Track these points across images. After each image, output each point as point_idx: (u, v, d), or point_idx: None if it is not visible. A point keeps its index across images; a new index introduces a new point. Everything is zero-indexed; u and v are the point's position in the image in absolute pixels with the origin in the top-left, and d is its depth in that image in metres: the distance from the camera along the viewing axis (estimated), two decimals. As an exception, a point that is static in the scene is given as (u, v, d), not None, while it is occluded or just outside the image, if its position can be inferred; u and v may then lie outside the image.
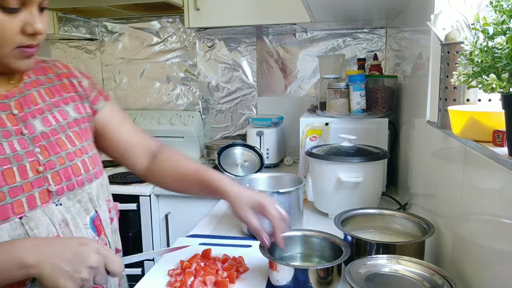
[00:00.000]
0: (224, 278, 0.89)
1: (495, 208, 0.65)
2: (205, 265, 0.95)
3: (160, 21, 2.39)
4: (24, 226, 0.72)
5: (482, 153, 0.65)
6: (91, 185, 0.86)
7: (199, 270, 0.91)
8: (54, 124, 0.83)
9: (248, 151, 1.81)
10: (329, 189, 1.27)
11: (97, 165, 0.89)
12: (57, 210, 0.78)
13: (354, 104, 1.58)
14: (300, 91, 2.28)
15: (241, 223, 1.21)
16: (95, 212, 0.86)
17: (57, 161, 0.80)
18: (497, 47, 0.52)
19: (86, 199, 0.84)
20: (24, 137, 0.77)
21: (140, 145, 1.02)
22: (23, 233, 0.72)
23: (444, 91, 0.81)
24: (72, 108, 0.88)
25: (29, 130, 0.78)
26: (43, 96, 0.84)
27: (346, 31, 2.16)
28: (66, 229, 0.79)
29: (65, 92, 0.88)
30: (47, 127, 0.81)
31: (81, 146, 0.86)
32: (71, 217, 0.80)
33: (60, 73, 0.91)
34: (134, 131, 1.02)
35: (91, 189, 0.86)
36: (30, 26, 0.70)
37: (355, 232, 0.97)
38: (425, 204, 1.12)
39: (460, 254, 0.82)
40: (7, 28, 0.69)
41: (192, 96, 2.43)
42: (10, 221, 0.71)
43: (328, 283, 0.84)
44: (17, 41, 0.70)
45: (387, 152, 1.34)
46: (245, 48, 2.30)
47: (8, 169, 0.72)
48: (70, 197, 0.81)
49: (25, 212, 0.73)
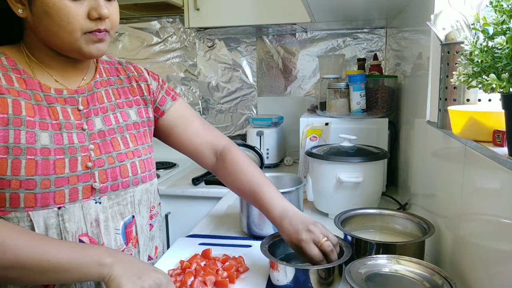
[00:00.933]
0: (224, 278, 0.89)
1: (495, 208, 0.65)
2: (205, 265, 0.94)
3: (160, 21, 2.39)
4: (58, 217, 0.76)
5: (482, 153, 0.65)
6: (136, 189, 0.87)
7: (199, 270, 0.91)
8: (113, 124, 0.86)
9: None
10: (329, 189, 1.27)
11: (148, 170, 0.91)
12: (94, 207, 0.80)
13: (354, 104, 1.58)
14: (300, 91, 2.28)
15: (241, 223, 1.21)
16: (131, 217, 0.87)
17: (107, 160, 0.83)
18: (497, 47, 0.52)
19: (127, 202, 0.86)
20: (83, 132, 0.81)
21: (207, 144, 1.03)
22: (56, 223, 0.76)
23: (444, 91, 0.81)
24: (135, 112, 0.92)
25: (89, 126, 0.82)
26: (110, 96, 0.88)
27: (346, 31, 2.16)
28: (96, 229, 0.81)
29: (131, 95, 0.92)
30: (106, 125, 0.85)
31: (135, 148, 0.88)
32: (105, 218, 0.82)
33: (131, 76, 0.94)
34: (202, 129, 1.04)
35: (134, 193, 0.87)
36: (95, 11, 0.74)
37: (355, 232, 0.97)
38: (425, 204, 1.12)
39: (460, 254, 0.82)
40: (73, 14, 0.72)
41: (192, 96, 2.43)
42: (49, 209, 0.75)
43: (329, 284, 0.84)
44: (84, 27, 0.74)
45: (387, 152, 1.34)
46: (245, 48, 2.30)
47: (60, 160, 0.76)
48: (111, 197, 0.83)
49: (64, 204, 0.76)
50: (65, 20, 0.72)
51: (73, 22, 0.73)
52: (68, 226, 0.77)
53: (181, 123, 1.01)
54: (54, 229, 0.76)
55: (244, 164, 0.99)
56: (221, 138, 1.06)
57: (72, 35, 0.74)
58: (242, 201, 1.19)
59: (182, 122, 1.01)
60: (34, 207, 0.73)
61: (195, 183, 1.81)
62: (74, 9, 0.72)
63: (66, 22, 0.72)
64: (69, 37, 0.74)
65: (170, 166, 2.13)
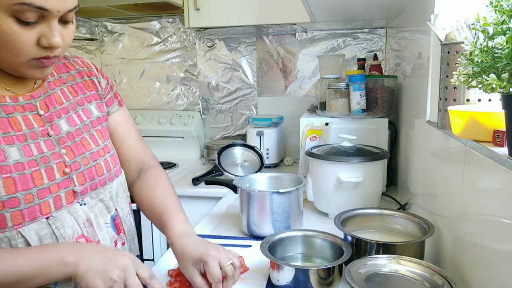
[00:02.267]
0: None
1: (495, 208, 0.65)
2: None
3: (160, 21, 2.39)
4: (51, 226, 0.74)
5: (482, 153, 0.65)
6: (112, 184, 0.87)
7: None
8: (78, 124, 0.84)
9: (248, 151, 1.81)
10: (329, 189, 1.27)
11: (117, 163, 0.91)
12: (81, 209, 0.79)
13: (354, 104, 1.58)
14: (300, 91, 2.28)
15: (241, 223, 1.21)
16: (115, 211, 0.88)
17: (82, 162, 0.81)
18: (497, 47, 0.52)
19: (108, 198, 0.86)
20: (50, 138, 0.77)
21: (137, 160, 1.02)
22: (50, 232, 0.74)
23: (444, 91, 0.81)
24: (95, 107, 0.89)
25: (55, 130, 0.79)
26: (67, 95, 0.85)
27: (346, 31, 2.16)
28: (90, 228, 0.81)
29: (87, 90, 0.89)
30: (72, 126, 0.82)
31: (103, 145, 0.87)
32: (94, 216, 0.82)
33: (81, 70, 0.91)
34: (137, 144, 1.03)
35: (111, 188, 0.87)
36: (46, 39, 0.68)
37: (355, 232, 0.97)
38: (425, 204, 1.12)
39: (460, 254, 0.82)
40: (21, 40, 0.66)
41: (192, 96, 2.43)
42: (38, 221, 0.72)
43: (329, 284, 0.84)
44: (32, 53, 0.68)
45: (387, 152, 1.34)
46: (245, 48, 2.30)
47: (36, 171, 0.73)
48: (93, 196, 0.83)
49: (51, 212, 0.74)
50: (11, 45, 0.66)
51: (21, 48, 0.67)
52: (63, 232, 0.75)
53: (120, 131, 0.99)
54: (49, 238, 0.74)
55: (161, 188, 0.98)
56: (150, 158, 1.05)
57: (17, 59, 0.69)
58: (242, 201, 1.19)
59: (122, 130, 0.99)
60: (23, 223, 0.71)
61: (195, 183, 1.81)
62: (23, 36, 0.66)
63: (12, 47, 0.67)
64: (14, 61, 0.69)
65: (170, 166, 2.13)
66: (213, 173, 1.89)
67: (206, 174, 1.86)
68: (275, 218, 1.15)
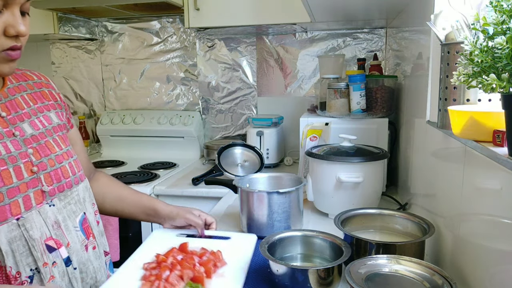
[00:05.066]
0: (201, 273, 0.87)
1: (495, 208, 0.65)
2: (182, 259, 0.92)
3: (160, 21, 2.39)
4: (20, 228, 0.73)
5: (482, 153, 0.65)
6: (78, 187, 0.88)
7: (175, 264, 0.88)
8: (41, 128, 0.85)
9: (248, 151, 1.81)
10: (329, 189, 1.27)
11: (80, 169, 0.92)
12: (50, 211, 0.79)
13: (354, 104, 1.58)
14: (300, 91, 2.28)
15: (241, 223, 1.21)
16: (83, 214, 0.88)
17: (48, 162, 0.82)
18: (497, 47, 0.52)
19: (75, 201, 0.86)
20: (16, 138, 0.78)
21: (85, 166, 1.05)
22: (19, 234, 0.73)
23: (444, 91, 0.81)
24: (54, 115, 0.91)
25: (20, 132, 0.79)
26: (27, 102, 0.86)
27: (346, 31, 2.16)
28: (58, 231, 0.81)
29: (46, 100, 0.91)
30: (35, 130, 0.83)
31: (66, 149, 0.89)
32: (63, 219, 0.82)
33: (39, 82, 0.93)
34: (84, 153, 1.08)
35: (78, 191, 0.88)
36: (13, 28, 0.69)
37: (355, 232, 0.97)
38: (425, 204, 1.12)
39: (460, 254, 0.82)
40: None
41: (192, 96, 2.43)
42: (8, 222, 0.72)
43: (329, 284, 0.84)
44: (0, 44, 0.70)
45: (387, 152, 1.34)
46: (245, 48, 2.30)
47: (5, 170, 0.73)
48: (61, 198, 0.83)
49: (21, 213, 0.74)
50: None
51: None
52: (32, 234, 0.75)
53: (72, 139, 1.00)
54: (18, 241, 0.73)
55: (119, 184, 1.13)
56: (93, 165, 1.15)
57: None
58: (242, 201, 1.19)
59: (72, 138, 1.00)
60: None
61: (195, 183, 1.81)
62: None
63: None
64: None
65: (170, 166, 2.13)
66: (213, 173, 1.89)
67: (206, 174, 1.86)
68: (275, 218, 1.15)
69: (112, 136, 2.41)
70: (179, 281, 0.84)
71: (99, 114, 2.55)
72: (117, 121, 2.38)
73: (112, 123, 2.39)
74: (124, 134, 2.38)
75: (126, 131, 2.36)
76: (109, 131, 2.40)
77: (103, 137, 2.43)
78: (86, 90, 2.58)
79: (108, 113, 2.44)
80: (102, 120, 2.42)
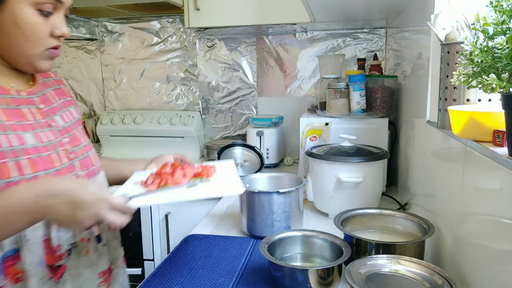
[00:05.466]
0: (204, 170, 0.90)
1: (495, 208, 0.65)
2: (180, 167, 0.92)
3: (160, 21, 2.39)
4: None
5: (482, 153, 0.65)
6: (99, 175, 0.96)
7: (175, 170, 0.89)
8: (68, 121, 0.92)
9: (248, 151, 1.81)
10: (329, 189, 1.27)
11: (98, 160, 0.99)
12: None
13: (354, 104, 1.58)
14: (300, 91, 2.28)
15: (241, 223, 1.21)
16: None
17: (79, 151, 0.90)
18: (497, 47, 0.52)
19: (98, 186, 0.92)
20: (52, 129, 0.86)
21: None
22: None
23: (444, 91, 0.81)
24: (74, 110, 0.98)
25: (55, 123, 0.87)
26: (54, 97, 0.93)
27: (346, 31, 2.16)
28: None
29: (65, 96, 0.98)
30: (65, 122, 0.91)
31: (88, 142, 0.96)
32: None
33: (57, 79, 0.99)
34: None
35: (100, 178, 0.96)
36: (59, 29, 0.80)
37: (355, 232, 0.97)
38: (425, 204, 1.12)
39: (460, 254, 0.82)
40: (41, 30, 0.77)
41: (192, 96, 2.43)
42: None
43: (328, 284, 0.84)
44: (47, 43, 0.79)
45: (387, 152, 1.34)
46: (245, 48, 2.30)
47: (49, 155, 0.81)
48: None
49: None
50: (34, 36, 0.77)
51: (39, 37, 0.78)
52: None
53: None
54: None
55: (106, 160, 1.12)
56: None
57: (35, 48, 0.78)
58: (242, 201, 1.19)
59: None
60: None
61: (195, 183, 1.80)
62: (42, 25, 0.77)
63: (34, 37, 0.77)
64: (31, 50, 0.78)
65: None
66: (213, 173, 1.89)
67: (206, 174, 1.86)
68: (275, 218, 1.15)
69: (112, 136, 2.41)
70: (183, 178, 0.87)
71: (99, 114, 2.55)
72: (117, 121, 2.38)
73: (112, 123, 2.39)
74: (124, 134, 2.38)
75: (126, 131, 2.36)
76: (109, 131, 2.40)
77: (103, 137, 2.43)
78: (86, 90, 2.58)
79: (108, 113, 2.44)
80: (102, 120, 2.42)
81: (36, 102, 0.85)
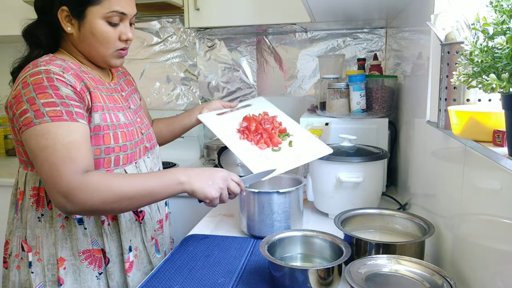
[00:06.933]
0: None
1: (495, 208, 0.65)
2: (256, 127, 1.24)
3: (160, 21, 2.39)
4: (136, 168, 1.08)
5: (482, 153, 0.65)
6: (156, 149, 1.22)
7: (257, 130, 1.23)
8: (136, 105, 1.19)
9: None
10: (329, 189, 1.27)
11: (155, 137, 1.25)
12: (148, 160, 1.14)
13: (354, 104, 1.58)
14: (300, 91, 2.28)
15: (241, 223, 1.21)
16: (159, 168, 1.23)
17: (145, 128, 1.17)
18: (497, 47, 0.52)
19: (156, 156, 1.21)
20: (131, 110, 1.13)
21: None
22: (136, 171, 1.08)
23: (444, 91, 0.81)
24: (137, 96, 1.24)
25: (132, 106, 1.16)
26: (125, 86, 1.20)
27: (346, 31, 2.16)
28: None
29: (131, 85, 1.25)
30: (135, 106, 1.18)
31: (148, 122, 1.21)
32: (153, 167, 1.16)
33: (125, 71, 1.27)
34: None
35: (157, 152, 1.22)
36: (125, 35, 1.05)
37: (355, 232, 0.97)
38: (425, 204, 1.12)
39: (460, 254, 0.82)
40: (111, 36, 1.02)
41: (192, 96, 2.43)
42: (132, 164, 1.07)
43: (329, 284, 0.84)
44: (116, 46, 1.04)
45: (387, 152, 1.34)
46: (245, 48, 2.30)
47: (132, 130, 1.08)
48: (149, 156, 1.16)
49: (137, 160, 1.09)
50: (105, 40, 1.02)
51: (110, 42, 1.03)
52: (140, 172, 1.09)
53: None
54: None
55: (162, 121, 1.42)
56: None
57: (107, 50, 1.04)
58: (242, 201, 1.19)
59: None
60: (126, 163, 1.05)
61: (195, 183, 1.80)
62: (112, 33, 1.02)
63: (106, 42, 1.02)
64: (105, 52, 1.04)
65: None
66: (213, 173, 1.89)
67: (206, 174, 1.86)
68: (275, 218, 1.15)
69: (112, 136, 2.41)
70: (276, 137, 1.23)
71: (99, 114, 2.55)
72: (117, 121, 2.39)
73: (112, 123, 2.39)
74: (124, 134, 2.38)
75: (126, 131, 2.36)
76: (109, 131, 2.40)
77: (103, 137, 2.43)
78: (86, 90, 2.57)
79: (108, 113, 2.44)
80: (102, 120, 2.42)
81: (119, 90, 1.14)
